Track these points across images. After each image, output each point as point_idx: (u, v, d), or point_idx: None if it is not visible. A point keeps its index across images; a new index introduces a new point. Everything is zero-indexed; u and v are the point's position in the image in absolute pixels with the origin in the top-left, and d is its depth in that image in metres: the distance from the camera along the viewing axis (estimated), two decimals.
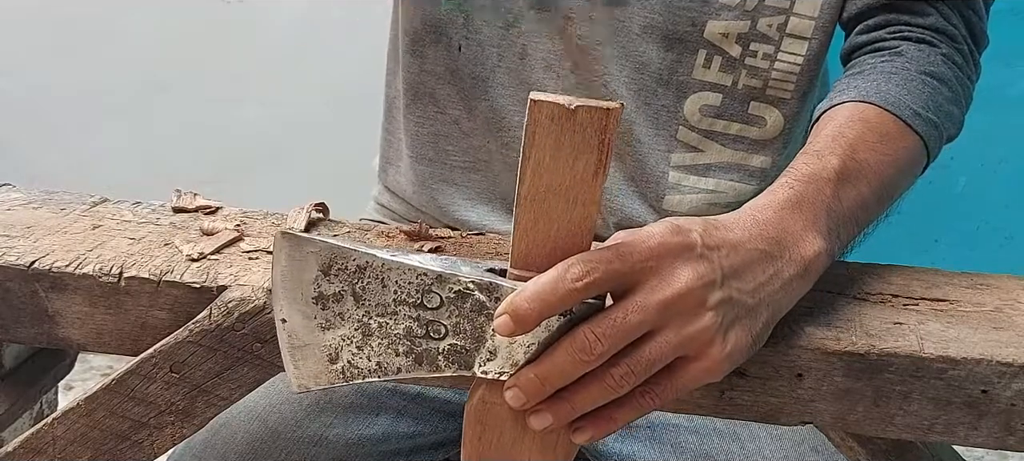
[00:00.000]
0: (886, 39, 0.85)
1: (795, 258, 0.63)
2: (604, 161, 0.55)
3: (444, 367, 0.58)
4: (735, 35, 0.86)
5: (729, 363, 0.59)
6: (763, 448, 0.83)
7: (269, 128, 2.19)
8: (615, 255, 0.55)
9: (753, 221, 0.63)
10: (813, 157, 0.70)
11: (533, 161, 0.55)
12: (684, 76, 0.88)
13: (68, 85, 2.21)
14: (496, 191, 0.95)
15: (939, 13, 0.84)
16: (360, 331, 0.58)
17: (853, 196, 0.69)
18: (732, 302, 0.58)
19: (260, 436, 0.86)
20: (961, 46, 0.85)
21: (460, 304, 0.57)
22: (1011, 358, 0.62)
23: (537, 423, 0.58)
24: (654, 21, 0.87)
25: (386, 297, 0.57)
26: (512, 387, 0.57)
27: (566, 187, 0.56)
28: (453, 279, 0.56)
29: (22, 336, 0.68)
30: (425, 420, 0.93)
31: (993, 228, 2.20)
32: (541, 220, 0.57)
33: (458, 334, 0.57)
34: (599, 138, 0.54)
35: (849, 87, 0.80)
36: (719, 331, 0.57)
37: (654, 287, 0.56)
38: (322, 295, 0.57)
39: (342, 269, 0.57)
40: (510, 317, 0.55)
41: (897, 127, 0.75)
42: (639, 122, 0.90)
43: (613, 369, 0.56)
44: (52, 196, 0.80)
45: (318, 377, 0.59)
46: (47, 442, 0.66)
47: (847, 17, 0.88)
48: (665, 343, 0.56)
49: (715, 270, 0.58)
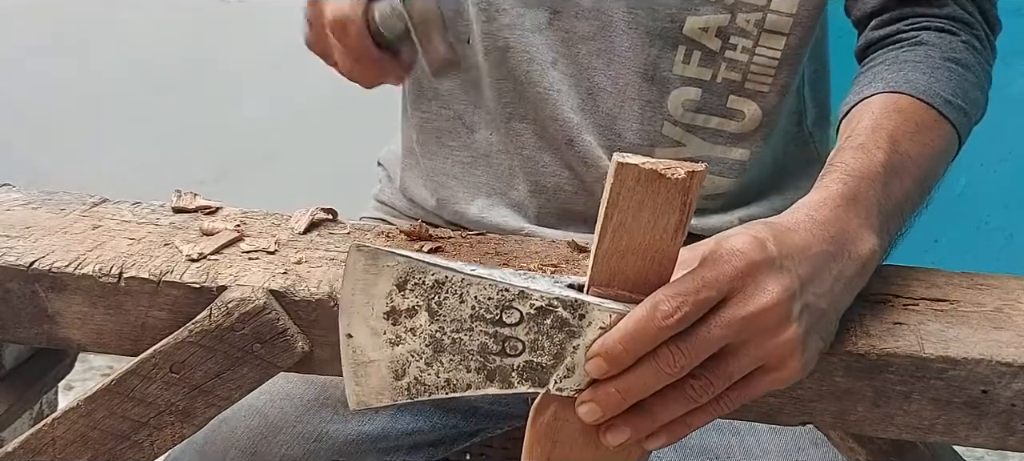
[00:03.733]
0: (905, 31, 0.85)
1: (853, 257, 0.63)
2: (685, 221, 0.55)
3: (517, 383, 0.57)
4: (715, 29, 0.87)
5: (805, 371, 0.59)
6: (763, 442, 0.83)
7: (269, 128, 2.18)
8: (702, 284, 0.55)
9: (812, 221, 0.62)
10: (859, 151, 0.69)
11: (615, 222, 0.55)
12: (666, 72, 0.88)
13: (68, 85, 2.21)
14: (496, 186, 0.96)
15: (956, 2, 0.85)
16: (431, 347, 0.57)
17: (899, 191, 0.69)
18: (810, 310, 0.58)
19: (261, 432, 0.86)
20: (978, 31, 0.85)
21: (540, 320, 0.56)
22: (1011, 358, 0.62)
23: (615, 438, 0.57)
24: (637, 17, 0.87)
25: (463, 312, 0.56)
26: (588, 402, 0.56)
27: (645, 246, 0.55)
28: (535, 295, 0.56)
29: (22, 336, 0.68)
30: (424, 417, 0.93)
31: (993, 228, 2.20)
32: (617, 277, 0.56)
33: (536, 350, 0.57)
34: (682, 199, 0.54)
35: (876, 78, 0.79)
36: (799, 342, 0.57)
37: (739, 303, 0.56)
38: (394, 310, 0.56)
39: (419, 283, 0.56)
40: (604, 359, 0.55)
41: (931, 116, 0.75)
42: (623, 118, 0.90)
43: (693, 381, 0.56)
44: (52, 196, 0.80)
45: (381, 394, 0.58)
46: (47, 442, 0.66)
47: (861, 14, 0.88)
48: (747, 356, 0.56)
49: (795, 281, 0.57)
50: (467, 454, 1.02)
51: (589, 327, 0.56)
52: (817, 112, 0.97)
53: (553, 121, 0.90)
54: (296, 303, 0.65)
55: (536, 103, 0.90)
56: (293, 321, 0.65)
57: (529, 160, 0.93)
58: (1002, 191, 2.14)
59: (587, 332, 0.56)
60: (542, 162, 0.92)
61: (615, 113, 0.90)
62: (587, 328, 0.56)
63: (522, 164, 0.93)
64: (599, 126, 0.90)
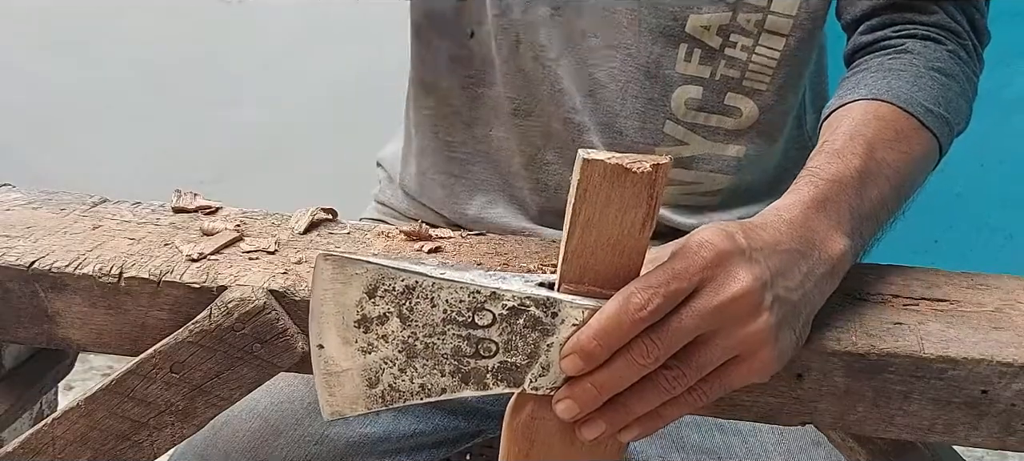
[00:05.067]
0: (891, 37, 0.86)
1: (824, 257, 0.63)
2: (652, 214, 0.55)
3: (492, 385, 0.57)
4: (716, 27, 0.87)
5: (779, 362, 0.59)
6: (765, 442, 0.83)
7: (269, 128, 2.19)
8: (672, 275, 0.55)
9: (781, 221, 0.63)
10: (834, 157, 0.70)
11: (583, 217, 0.55)
12: (668, 70, 0.89)
13: (68, 85, 2.21)
14: (497, 183, 0.96)
15: (944, 12, 0.85)
16: (404, 353, 0.56)
17: (875, 196, 0.70)
18: (781, 301, 0.59)
19: (262, 434, 0.86)
20: (966, 42, 0.85)
21: (513, 320, 0.56)
22: (1011, 358, 0.62)
23: (590, 432, 0.57)
24: (640, 14, 0.88)
25: (435, 316, 0.56)
26: (564, 399, 0.57)
27: (614, 241, 0.56)
28: (507, 295, 0.56)
29: (22, 336, 0.68)
30: (426, 419, 0.93)
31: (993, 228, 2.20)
32: (588, 272, 0.57)
33: (510, 351, 0.57)
34: (649, 193, 0.55)
35: (859, 84, 0.80)
36: (771, 332, 0.58)
37: (710, 292, 0.56)
38: (365, 318, 0.56)
39: (389, 290, 0.56)
40: (578, 356, 0.55)
41: (911, 124, 0.76)
42: (624, 115, 0.90)
43: (666, 372, 0.56)
44: (52, 196, 0.80)
45: (355, 403, 0.58)
46: (47, 442, 0.66)
47: (850, 19, 0.89)
48: (719, 346, 0.57)
49: (765, 271, 0.58)
50: (468, 455, 1.02)
51: (562, 324, 0.56)
52: (817, 116, 0.98)
53: (557, 118, 0.90)
54: (296, 303, 0.65)
55: (543, 99, 0.91)
56: (293, 321, 0.65)
57: (532, 158, 0.93)
58: (1002, 191, 2.14)
59: (561, 330, 0.56)
60: (545, 160, 0.93)
61: (617, 110, 0.90)
62: (560, 326, 0.56)
63: (525, 162, 0.93)
64: (601, 124, 0.90)
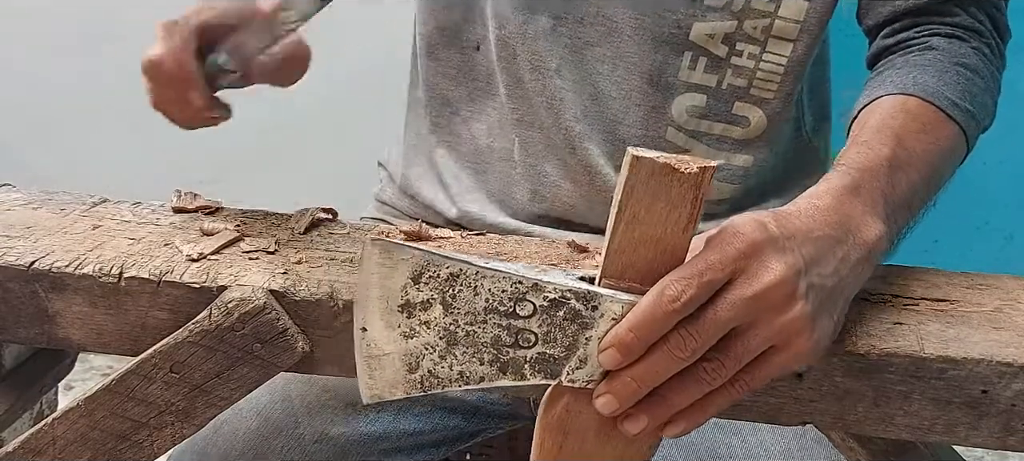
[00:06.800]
0: (915, 37, 0.86)
1: (859, 242, 0.63)
2: (696, 215, 0.56)
3: (530, 376, 0.57)
4: (722, 35, 0.87)
5: (817, 350, 0.59)
6: (765, 441, 0.83)
7: (269, 127, 2.18)
8: (706, 266, 0.56)
9: (814, 208, 0.63)
10: (863, 147, 0.70)
11: (629, 214, 0.56)
12: (671, 78, 0.89)
13: (68, 85, 2.21)
14: (495, 192, 0.96)
15: (966, 13, 0.85)
16: (445, 339, 0.57)
17: (905, 183, 0.70)
18: (816, 289, 0.59)
19: (262, 433, 0.86)
20: (989, 40, 0.86)
21: (553, 312, 0.57)
22: (1011, 358, 0.62)
23: (633, 426, 0.58)
24: (643, 23, 0.87)
25: (477, 305, 0.57)
26: (604, 393, 0.57)
27: (657, 238, 0.56)
28: (549, 287, 0.56)
29: (22, 336, 0.68)
30: (427, 418, 0.93)
31: (993, 228, 2.20)
32: (629, 269, 0.57)
33: (549, 342, 0.57)
34: (694, 194, 0.55)
35: (886, 81, 0.80)
36: (808, 320, 0.58)
37: (744, 283, 0.56)
38: (409, 303, 0.57)
39: (433, 276, 0.56)
40: (616, 349, 0.55)
41: (937, 117, 0.76)
42: (626, 123, 0.90)
43: (706, 364, 0.56)
44: (52, 196, 0.80)
45: (394, 387, 0.58)
46: (47, 442, 0.66)
47: (872, 24, 0.89)
48: (757, 336, 0.57)
49: (799, 259, 0.58)
50: (468, 454, 1.02)
51: (601, 318, 0.57)
52: (816, 116, 0.98)
53: (557, 128, 0.90)
54: (296, 303, 0.65)
55: (541, 110, 0.91)
56: (293, 321, 0.65)
57: (531, 168, 0.93)
58: (1002, 191, 2.14)
59: (599, 323, 0.57)
60: (544, 171, 0.93)
61: (619, 118, 0.90)
62: (599, 319, 0.57)
63: (524, 172, 0.93)
64: (602, 132, 0.90)
